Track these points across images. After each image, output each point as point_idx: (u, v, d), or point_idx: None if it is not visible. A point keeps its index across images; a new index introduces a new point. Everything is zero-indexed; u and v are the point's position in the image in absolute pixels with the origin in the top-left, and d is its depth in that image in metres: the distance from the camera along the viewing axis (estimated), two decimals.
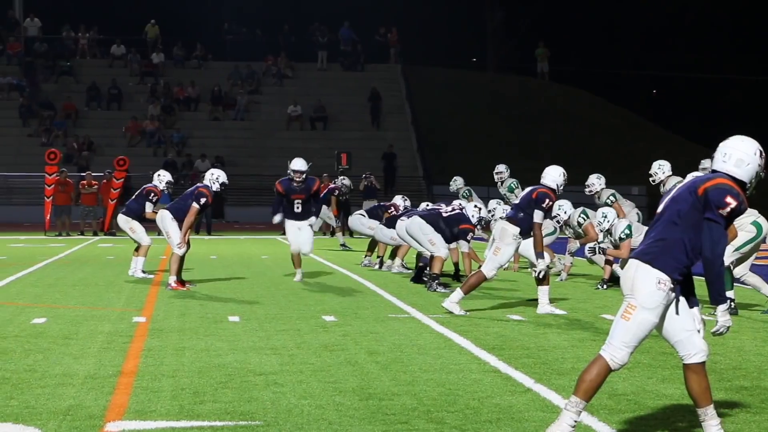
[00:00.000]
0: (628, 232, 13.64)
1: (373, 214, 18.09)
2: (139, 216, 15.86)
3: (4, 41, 46.47)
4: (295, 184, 14.90)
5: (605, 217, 14.00)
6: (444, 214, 14.11)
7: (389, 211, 17.35)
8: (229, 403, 6.68)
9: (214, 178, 14.34)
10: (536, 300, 11.83)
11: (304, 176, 14.87)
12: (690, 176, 11.66)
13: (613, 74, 63.02)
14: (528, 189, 11.74)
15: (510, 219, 11.60)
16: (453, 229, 13.97)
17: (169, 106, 43.95)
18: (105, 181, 30.24)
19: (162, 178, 16.37)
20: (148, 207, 15.84)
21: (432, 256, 13.79)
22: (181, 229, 13.96)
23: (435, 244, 13.69)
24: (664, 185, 13.60)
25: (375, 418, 6.33)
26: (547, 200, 11.41)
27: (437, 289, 13.43)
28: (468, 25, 61.52)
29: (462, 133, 45.96)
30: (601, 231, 14.03)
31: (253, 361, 8.22)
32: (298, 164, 14.96)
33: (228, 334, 9.67)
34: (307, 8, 54.55)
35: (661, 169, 13.92)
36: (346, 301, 12.46)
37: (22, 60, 45.56)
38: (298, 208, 14.95)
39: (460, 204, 14.83)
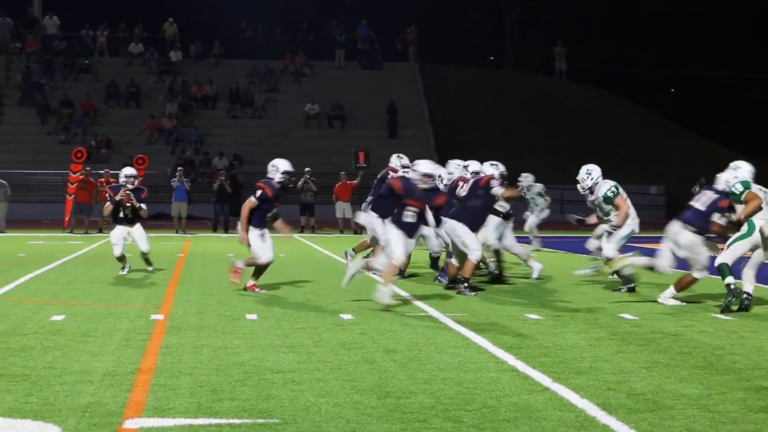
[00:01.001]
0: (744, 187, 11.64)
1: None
2: (116, 220, 15.95)
3: (23, 39, 46.68)
4: (419, 189, 12.04)
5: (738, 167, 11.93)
6: (463, 192, 13.84)
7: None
8: (246, 401, 6.69)
9: (275, 168, 13.49)
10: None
11: (434, 183, 12.18)
12: (722, 178, 11.67)
13: (632, 73, 62.83)
14: (712, 197, 11.78)
15: (696, 228, 11.71)
16: (479, 192, 13.61)
17: (187, 104, 44.09)
18: None
19: (121, 173, 16.27)
20: (106, 210, 16.06)
21: (465, 260, 13.47)
22: (249, 241, 13.25)
23: (468, 246, 13.38)
24: (592, 192, 13.53)
25: (392, 416, 6.33)
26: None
27: (466, 293, 13.19)
28: (486, 23, 61.49)
29: (479, 132, 45.90)
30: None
31: (270, 359, 8.23)
32: (429, 167, 12.09)
33: (246, 332, 9.69)
34: (324, 6, 54.63)
35: (589, 175, 13.74)
36: (363, 300, 12.46)
37: (40, 58, 45.76)
38: (413, 217, 12.04)
39: (472, 170, 14.60)
